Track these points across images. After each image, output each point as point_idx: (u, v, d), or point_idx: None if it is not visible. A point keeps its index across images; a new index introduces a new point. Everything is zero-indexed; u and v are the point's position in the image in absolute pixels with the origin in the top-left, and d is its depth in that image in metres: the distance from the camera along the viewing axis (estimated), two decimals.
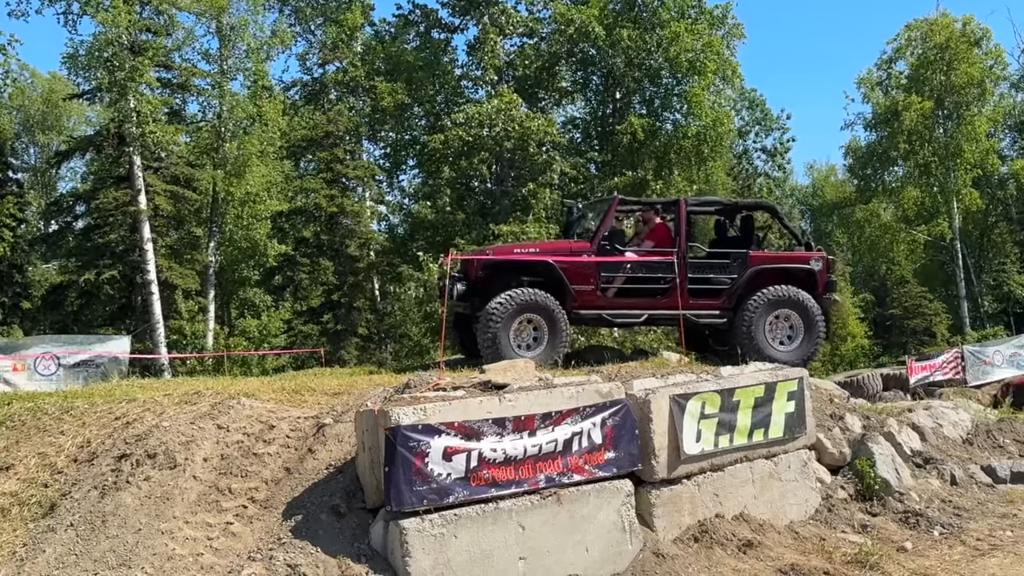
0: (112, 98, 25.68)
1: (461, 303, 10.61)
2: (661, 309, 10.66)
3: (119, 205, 26.37)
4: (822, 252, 11.48)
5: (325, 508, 6.89)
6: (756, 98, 39.94)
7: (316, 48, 34.72)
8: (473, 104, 28.72)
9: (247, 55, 28.52)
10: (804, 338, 10.75)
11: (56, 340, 20.31)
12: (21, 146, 45.99)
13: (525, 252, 10.79)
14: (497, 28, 29.57)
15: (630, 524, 7.51)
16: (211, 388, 9.03)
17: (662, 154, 29.68)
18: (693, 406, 8.17)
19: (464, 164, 27.13)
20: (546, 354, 9.94)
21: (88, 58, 25.64)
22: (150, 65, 25.43)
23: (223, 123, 28.37)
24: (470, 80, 31.89)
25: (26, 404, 9.17)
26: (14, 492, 7.43)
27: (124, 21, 24.31)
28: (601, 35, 28.31)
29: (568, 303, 10.28)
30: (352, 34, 33.36)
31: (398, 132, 33.02)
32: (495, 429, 6.96)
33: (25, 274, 31.99)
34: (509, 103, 26.63)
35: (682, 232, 10.87)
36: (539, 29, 31.41)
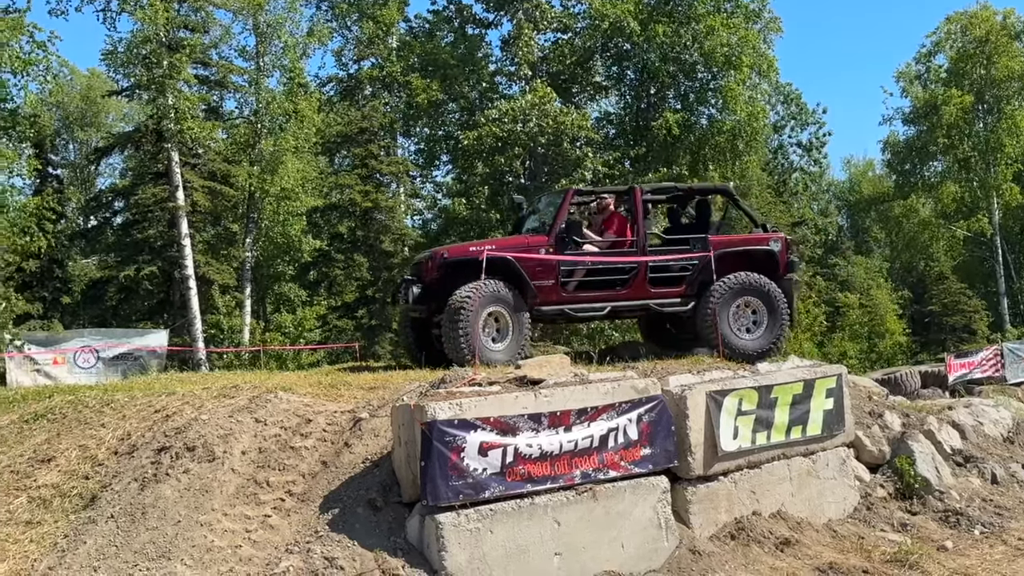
0: (150, 95, 25.94)
1: (417, 307, 10.35)
2: (623, 300, 10.50)
3: (157, 201, 26.67)
4: (780, 233, 11.39)
5: (361, 502, 6.93)
6: (792, 92, 39.59)
7: (352, 44, 34.86)
8: (507, 100, 28.71)
9: (284, 52, 28.70)
10: (768, 325, 10.59)
11: (95, 334, 20.64)
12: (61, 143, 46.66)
13: (481, 249, 10.44)
14: (531, 23, 29.51)
15: (666, 521, 7.48)
16: (249, 382, 9.10)
17: (697, 149, 29.51)
18: (730, 403, 8.12)
19: (498, 160, 27.12)
20: (509, 351, 9.78)
21: (126, 55, 25.93)
22: (188, 62, 25.66)
23: (259, 120, 28.58)
24: (504, 76, 31.88)
25: (67, 397, 9.30)
26: (55, 484, 7.53)
27: (162, 18, 24.55)
28: (636, 30, 28.17)
29: (529, 300, 10.09)
30: (388, 30, 33.46)
31: (432, 128, 33.09)
32: (531, 424, 6.96)
33: (65, 269, 32.45)
34: (543, 97, 26.58)
35: (639, 220, 10.75)
36: (573, 24, 31.32)
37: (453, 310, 9.60)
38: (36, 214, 20.99)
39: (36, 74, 20.76)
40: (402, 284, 10.77)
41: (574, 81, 31.28)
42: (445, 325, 9.72)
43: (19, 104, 21.17)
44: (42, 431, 8.53)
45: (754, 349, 10.30)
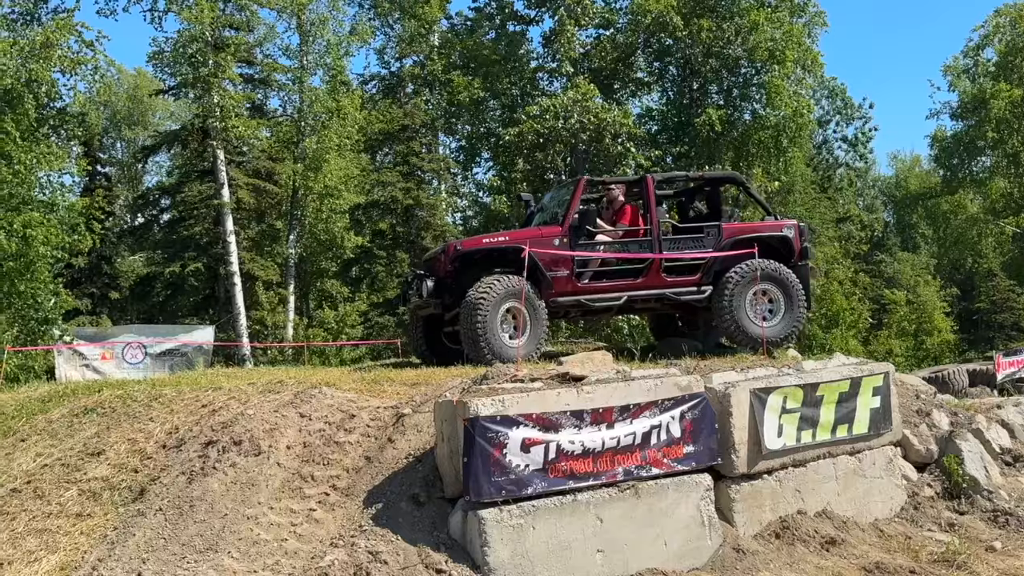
0: (196, 94, 26.29)
1: (431, 301, 10.17)
2: (639, 290, 10.37)
3: (203, 198, 27.06)
4: (793, 220, 11.24)
5: (405, 497, 6.97)
6: (837, 87, 39.12)
7: (393, 42, 35.06)
8: (548, 96, 28.68)
9: (327, 50, 28.91)
10: (786, 313, 10.48)
11: (143, 330, 20.97)
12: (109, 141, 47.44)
13: (495, 241, 10.39)
14: (573, 19, 29.43)
15: (709, 519, 7.44)
16: (293, 378, 9.20)
17: (740, 145, 29.27)
18: (774, 400, 8.04)
19: (539, 157, 27.10)
20: (528, 347, 9.67)
21: (173, 55, 26.30)
22: (233, 61, 25.96)
23: (303, 117, 28.83)
24: (545, 72, 31.85)
25: (116, 391, 9.45)
26: (105, 477, 7.66)
27: (208, 18, 24.85)
28: (679, 25, 28.00)
29: (544, 291, 9.97)
30: (429, 28, 33.60)
31: (473, 125, 33.16)
32: (573, 421, 6.96)
33: (113, 265, 33.01)
34: (584, 94, 26.51)
35: (652, 209, 10.62)
36: (615, 20, 31.20)
37: (470, 307, 9.47)
38: (85, 213, 21.33)
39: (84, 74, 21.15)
40: (413, 280, 10.63)
41: (616, 77, 31.15)
42: (463, 322, 9.58)
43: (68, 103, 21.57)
44: (92, 425, 8.68)
45: (771, 337, 10.21)
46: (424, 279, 10.21)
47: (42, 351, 19.62)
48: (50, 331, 19.81)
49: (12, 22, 20.74)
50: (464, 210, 35.71)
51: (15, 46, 19.35)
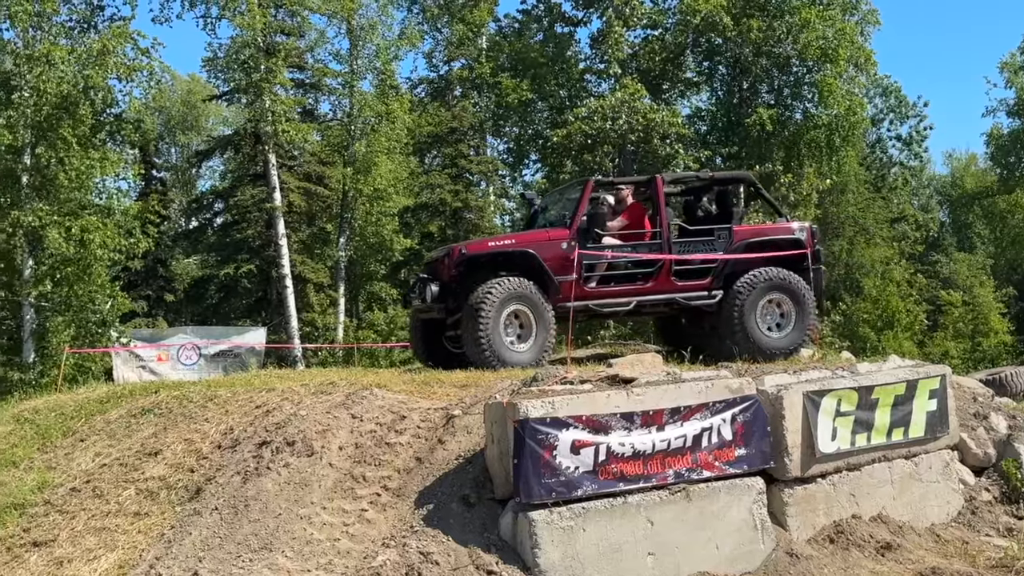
0: (248, 99, 26.68)
1: (435, 306, 9.93)
2: (648, 294, 10.12)
3: (255, 202, 27.47)
4: (805, 222, 10.98)
5: (455, 498, 7.00)
6: (891, 85, 38.52)
7: (442, 46, 35.25)
8: (596, 97, 28.62)
9: (376, 55, 29.16)
10: (796, 322, 10.24)
11: (198, 331, 21.30)
12: (164, 146, 48.30)
13: (501, 244, 10.17)
14: (621, 20, 29.35)
15: (762, 523, 7.37)
16: (345, 379, 9.27)
17: (791, 145, 28.94)
18: (828, 403, 7.94)
19: (587, 158, 27.06)
20: (534, 352, 9.55)
21: (226, 60, 26.73)
22: (284, 66, 26.30)
23: (352, 121, 29.10)
24: (593, 73, 31.79)
25: (173, 392, 9.62)
26: (162, 476, 7.80)
27: (259, 24, 25.20)
28: (728, 24, 27.77)
29: (551, 296, 9.76)
30: (477, 31, 33.74)
31: (521, 127, 33.21)
32: (623, 423, 6.93)
33: (168, 268, 33.62)
34: (633, 95, 26.42)
35: (661, 210, 10.38)
36: (664, 20, 31.04)
37: (472, 310, 9.32)
38: (140, 217, 21.75)
39: (140, 80, 21.56)
40: (416, 283, 10.41)
41: (664, 78, 30.99)
42: (465, 325, 9.44)
43: (124, 109, 22.00)
44: (149, 425, 8.84)
45: (781, 347, 9.97)
46: (428, 283, 9.95)
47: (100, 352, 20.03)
48: (107, 333, 20.23)
49: (70, 30, 21.20)
50: (512, 212, 35.77)
51: (72, 54, 19.78)
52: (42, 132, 19.42)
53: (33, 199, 19.54)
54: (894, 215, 40.48)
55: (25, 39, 19.99)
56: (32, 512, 7.68)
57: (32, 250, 19.90)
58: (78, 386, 13.52)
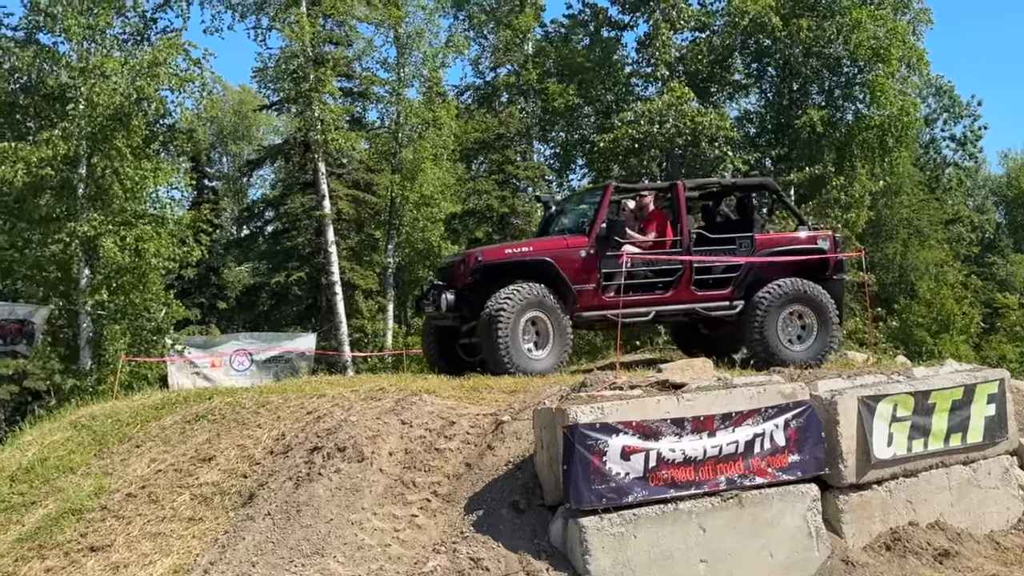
0: (298, 108, 26.95)
1: (451, 314, 9.80)
2: (668, 304, 9.96)
3: (305, 210, 27.75)
4: (827, 231, 10.72)
5: (505, 504, 6.99)
6: (944, 85, 37.86)
7: (488, 52, 35.33)
8: (643, 101, 28.48)
9: (423, 62, 29.31)
10: (819, 335, 10.07)
11: (249, 338, 21.54)
12: (215, 156, 49.04)
13: (518, 251, 10.02)
14: (668, 23, 29.18)
15: (816, 530, 7.26)
16: (394, 385, 9.30)
17: (843, 146, 28.54)
18: (883, 408, 7.80)
19: (634, 162, 26.92)
20: (552, 360, 9.42)
21: (275, 71, 27.04)
22: (332, 76, 26.52)
23: (400, 129, 29.27)
24: (640, 77, 31.64)
25: (226, 399, 9.72)
26: (216, 482, 7.88)
27: (308, 34, 25.46)
28: (778, 25, 27.47)
29: (569, 304, 9.60)
30: (524, 37, 33.76)
31: (568, 132, 33.16)
32: (673, 429, 6.87)
33: (221, 276, 34.07)
34: (680, 98, 26.23)
35: (682, 217, 10.22)
36: (711, 22, 30.81)
37: (490, 318, 9.20)
38: (193, 226, 22.07)
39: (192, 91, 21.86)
40: (431, 290, 10.28)
41: (712, 80, 30.73)
42: (482, 334, 9.33)
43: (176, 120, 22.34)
44: (203, 431, 8.95)
45: (802, 360, 9.74)
46: (443, 291, 9.83)
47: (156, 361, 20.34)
48: (162, 340, 20.53)
49: (123, 43, 21.57)
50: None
51: (126, 66, 20.14)
52: (97, 143, 19.77)
53: (88, 209, 19.91)
54: (949, 216, 39.75)
55: (80, 52, 20.38)
56: (89, 517, 7.81)
57: (88, 259, 20.26)
58: (133, 393, 13.73)
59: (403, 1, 28.77)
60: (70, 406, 12.32)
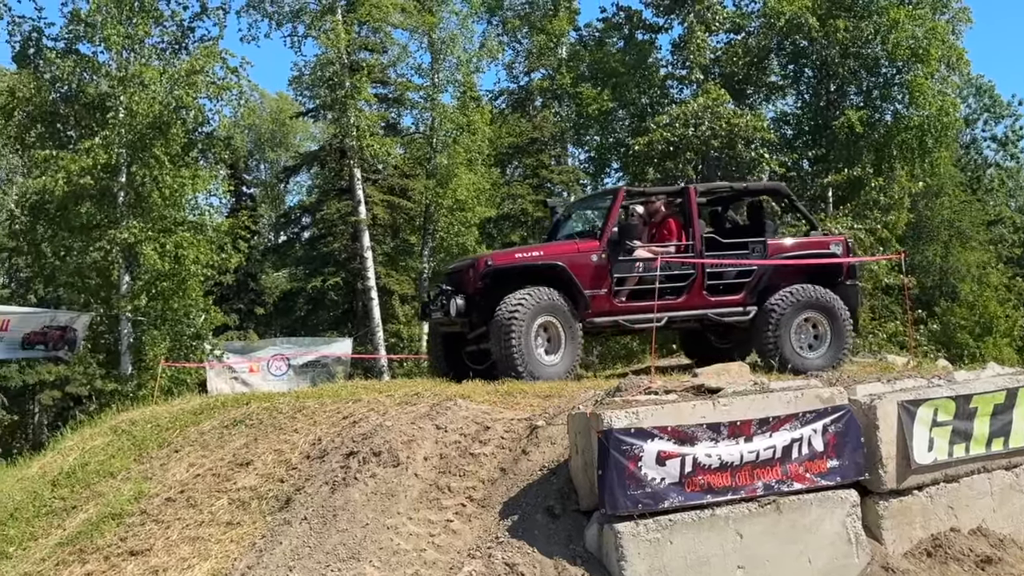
0: (333, 115, 27.14)
1: (460, 319, 9.66)
2: (680, 310, 9.82)
3: (341, 216, 27.95)
4: (840, 236, 10.52)
5: (540, 509, 6.97)
6: (984, 84, 37.34)
7: (522, 57, 35.37)
8: (678, 104, 28.34)
9: (457, 68, 29.40)
10: (832, 342, 9.94)
11: (287, 343, 21.73)
12: (253, 163, 49.53)
13: (528, 256, 9.93)
14: (703, 25, 29.02)
15: (856, 536, 7.17)
16: (429, 389, 9.33)
17: (882, 147, 28.21)
18: (924, 413, 7.69)
19: (669, 165, 26.80)
20: (564, 366, 9.30)
21: (311, 78, 27.27)
22: (367, 82, 26.68)
23: (434, 134, 29.38)
24: (675, 80, 31.50)
25: (263, 403, 9.81)
26: (253, 487, 7.94)
27: (343, 41, 25.64)
28: (815, 26, 27.22)
29: (580, 309, 9.48)
30: (558, 41, 33.76)
31: (603, 136, 33.09)
32: (709, 434, 6.82)
33: (258, 282, 34.41)
34: (715, 100, 26.08)
35: (694, 222, 10.08)
36: (747, 24, 30.60)
37: (502, 323, 9.11)
38: (231, 232, 22.30)
39: (229, 99, 22.12)
40: (439, 295, 10.15)
41: (748, 82, 30.51)
42: (494, 340, 9.24)
43: (214, 128, 22.59)
44: (241, 436, 9.02)
45: (815, 368, 9.55)
46: (452, 296, 9.69)
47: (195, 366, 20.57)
48: (201, 346, 20.75)
49: (161, 52, 21.86)
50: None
51: (164, 74, 20.40)
52: (136, 151, 20.04)
53: (128, 217, 20.18)
54: (991, 218, 39.16)
55: (119, 62, 20.68)
56: (129, 521, 7.90)
57: (128, 266, 20.54)
58: (173, 398, 13.90)
59: (437, 7, 28.86)
60: (111, 411, 12.48)
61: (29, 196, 21.37)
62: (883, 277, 24.88)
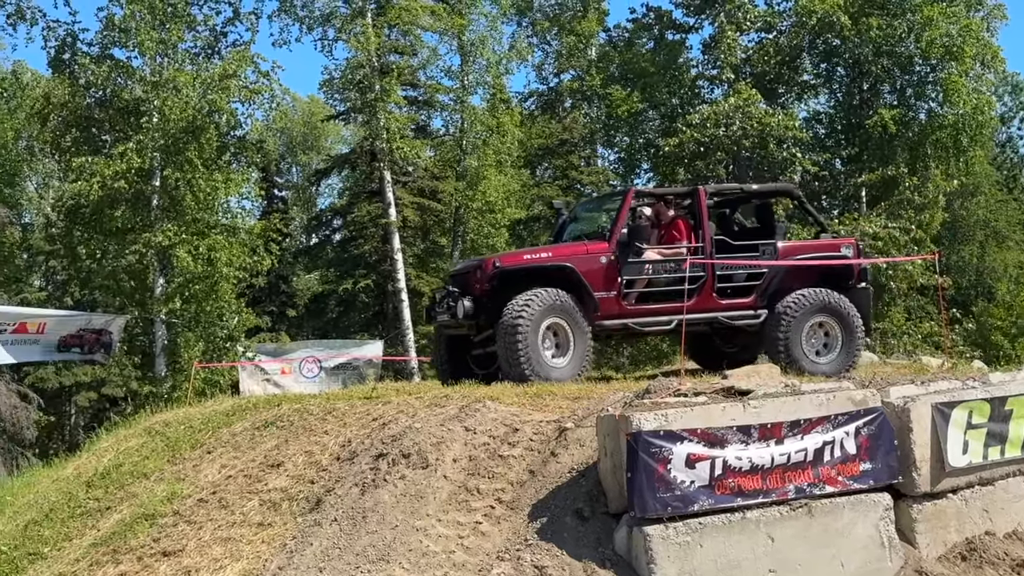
0: (364, 118, 27.30)
1: (467, 322, 9.48)
2: (691, 312, 9.52)
3: (372, 218, 28.12)
4: (851, 238, 10.36)
5: (569, 511, 6.95)
6: (1020, 82, 36.84)
7: (552, 58, 35.37)
8: (709, 104, 28.23)
9: (486, 69, 29.46)
10: (843, 347, 9.81)
11: (318, 344, 21.85)
12: (285, 166, 49.91)
13: (537, 257, 9.78)
14: (733, 25, 28.89)
15: (889, 540, 7.08)
16: (458, 391, 9.33)
17: (916, 146, 27.92)
18: (958, 415, 7.59)
19: (700, 166, 26.70)
20: (573, 368, 9.19)
21: (342, 81, 27.46)
22: (397, 85, 26.82)
23: (464, 136, 29.46)
24: (706, 80, 31.38)
25: (294, 405, 9.86)
26: (284, 488, 7.98)
27: (373, 44, 25.78)
28: (847, 24, 26.99)
29: (590, 313, 9.34)
30: (587, 42, 33.73)
31: (632, 136, 33.02)
32: (740, 436, 6.77)
33: (290, 284, 34.67)
34: (747, 100, 25.95)
35: (704, 224, 9.94)
36: (778, 23, 30.41)
37: (508, 324, 9.00)
38: (263, 235, 22.50)
39: (261, 102, 22.33)
40: (445, 297, 9.94)
41: (780, 81, 30.33)
42: (501, 342, 9.12)
43: (247, 131, 22.81)
44: (272, 437, 9.07)
45: (825, 374, 9.41)
46: (460, 297, 9.50)
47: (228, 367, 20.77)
48: (234, 348, 20.96)
49: (194, 56, 22.12)
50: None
51: (197, 79, 20.64)
52: (170, 155, 20.30)
53: (162, 220, 20.43)
54: None
55: (153, 67, 20.96)
56: (162, 522, 7.97)
57: (162, 269, 20.79)
58: (207, 399, 14.02)
59: (467, 9, 28.93)
60: (145, 412, 12.62)
61: (65, 200, 21.72)
62: (918, 277, 24.63)
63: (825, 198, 30.01)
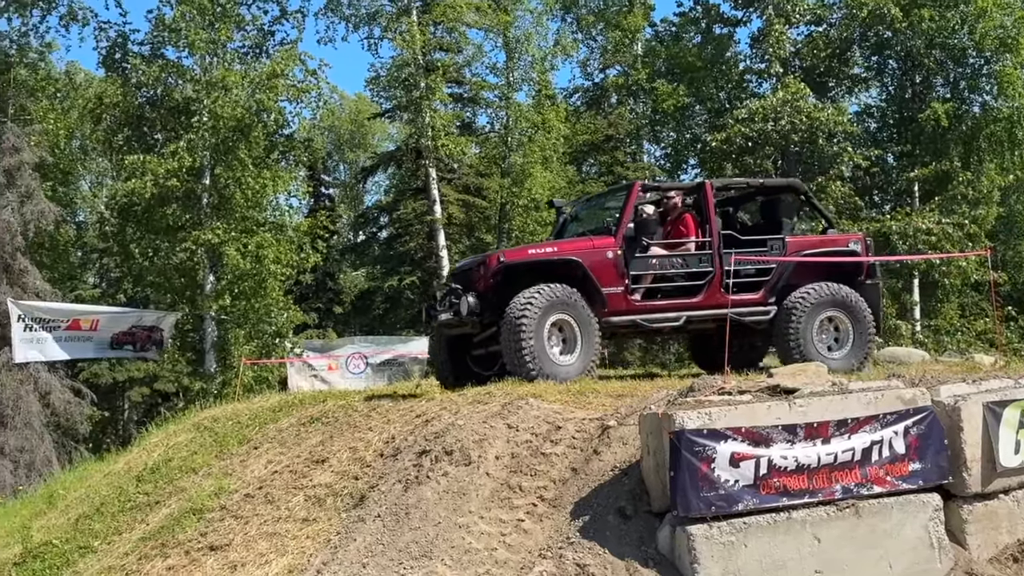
0: (409, 115, 27.43)
1: (471, 319, 9.27)
2: (698, 309, 9.47)
3: (417, 215, 28.27)
4: (859, 234, 10.11)
5: (611, 510, 6.92)
6: None
7: (597, 54, 35.23)
8: (757, 98, 27.93)
9: (531, 66, 29.43)
10: (854, 342, 9.64)
11: (365, 341, 22.05)
12: (332, 164, 50.33)
13: (542, 252, 9.62)
14: (782, 18, 28.54)
15: (939, 541, 6.95)
16: (501, 388, 9.33)
17: (970, 140, 27.36)
18: (1011, 414, 7.41)
19: (747, 160, 26.43)
20: (580, 365, 9.04)
21: (387, 79, 27.61)
22: (443, 82, 26.91)
23: (509, 133, 29.46)
24: (754, 74, 31.05)
25: (339, 401, 9.95)
26: (329, 484, 8.05)
27: (419, 42, 25.89)
28: (898, 16, 26.52)
29: (597, 309, 9.17)
30: (633, 37, 33.54)
31: (679, 132, 32.78)
32: (785, 436, 6.67)
33: (337, 281, 34.97)
34: (795, 94, 25.63)
35: (711, 219, 9.78)
36: (828, 15, 29.99)
37: (513, 321, 8.86)
38: (310, 232, 22.72)
39: (309, 101, 22.54)
40: (448, 294, 9.77)
41: (830, 75, 29.90)
42: (505, 338, 8.99)
43: (294, 130, 23.04)
44: (317, 433, 9.17)
45: (837, 370, 9.17)
46: (463, 294, 9.31)
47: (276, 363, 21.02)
48: (282, 344, 21.20)
49: (243, 56, 22.39)
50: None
51: (246, 78, 20.88)
52: (219, 154, 20.58)
53: (212, 218, 20.71)
54: None
55: (203, 66, 21.25)
56: (209, 517, 8.08)
57: (212, 266, 21.09)
58: (255, 395, 14.20)
59: (512, 5, 28.92)
60: (195, 408, 12.81)
61: (118, 198, 22.11)
62: (971, 273, 24.15)
63: (877, 193, 29.57)
